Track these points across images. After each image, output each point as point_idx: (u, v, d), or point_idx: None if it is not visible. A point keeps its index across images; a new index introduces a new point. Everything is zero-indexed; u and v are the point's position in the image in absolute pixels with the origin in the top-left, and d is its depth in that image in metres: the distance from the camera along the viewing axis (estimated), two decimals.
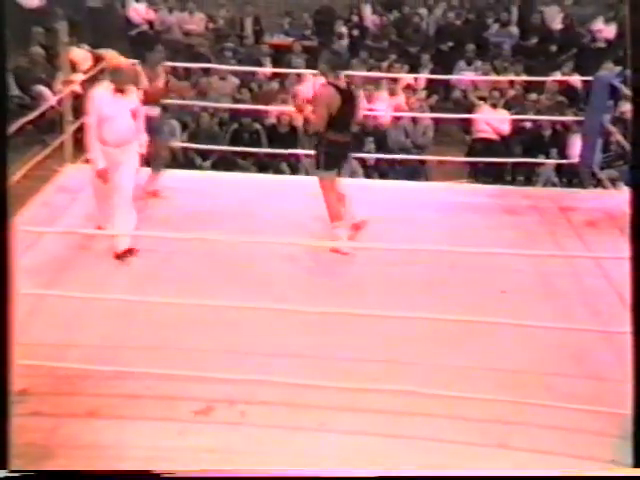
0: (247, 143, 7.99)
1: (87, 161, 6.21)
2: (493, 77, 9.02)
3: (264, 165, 7.96)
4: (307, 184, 5.43)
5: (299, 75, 8.89)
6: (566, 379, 3.77)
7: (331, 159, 4.88)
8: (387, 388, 3.57)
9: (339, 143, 4.85)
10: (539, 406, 3.51)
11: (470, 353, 3.94)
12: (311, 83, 8.87)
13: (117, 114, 4.74)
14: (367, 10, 10.95)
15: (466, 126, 8.70)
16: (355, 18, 10.88)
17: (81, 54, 8.32)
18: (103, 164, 4.78)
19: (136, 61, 5.27)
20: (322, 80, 4.92)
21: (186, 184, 5.90)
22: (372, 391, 3.59)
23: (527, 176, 7.96)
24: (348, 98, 4.83)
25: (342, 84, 4.86)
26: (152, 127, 5.17)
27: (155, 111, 5.35)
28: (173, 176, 5.96)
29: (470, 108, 8.86)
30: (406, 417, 3.53)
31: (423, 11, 10.96)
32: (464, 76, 9.49)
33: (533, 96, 8.78)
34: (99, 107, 4.74)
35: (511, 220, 5.21)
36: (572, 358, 3.93)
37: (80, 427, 3.42)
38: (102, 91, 4.79)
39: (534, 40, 10.54)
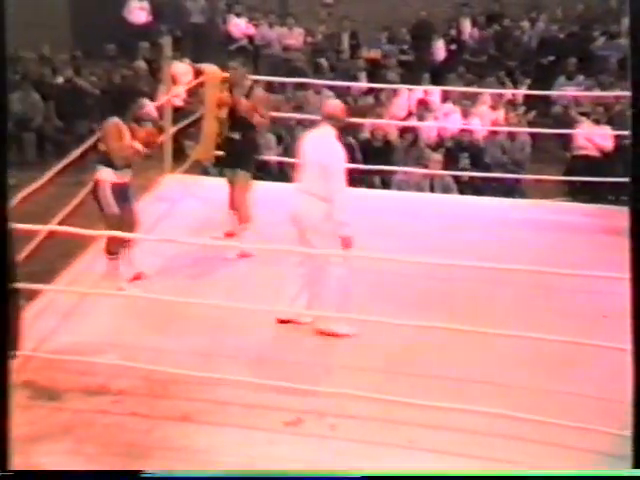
0: None
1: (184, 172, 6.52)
2: (595, 93, 8.70)
3: (356, 179, 7.95)
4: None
5: (394, 89, 8.87)
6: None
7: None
8: (480, 410, 3.48)
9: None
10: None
11: (569, 379, 3.80)
12: (405, 97, 8.88)
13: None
14: (466, 24, 10.82)
15: (565, 142, 8.43)
16: (453, 32, 10.78)
17: (182, 68, 8.59)
18: None
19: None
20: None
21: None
22: (465, 411, 3.51)
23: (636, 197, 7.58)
24: None
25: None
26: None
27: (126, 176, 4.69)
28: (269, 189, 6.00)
29: (570, 124, 8.58)
30: (498, 439, 3.45)
31: (525, 24, 10.72)
32: (562, 91, 9.22)
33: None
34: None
35: (610, 241, 5.00)
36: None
37: (174, 430, 3.50)
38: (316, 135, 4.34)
39: None
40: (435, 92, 8.74)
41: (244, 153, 5.16)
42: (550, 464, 3.30)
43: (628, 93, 8.16)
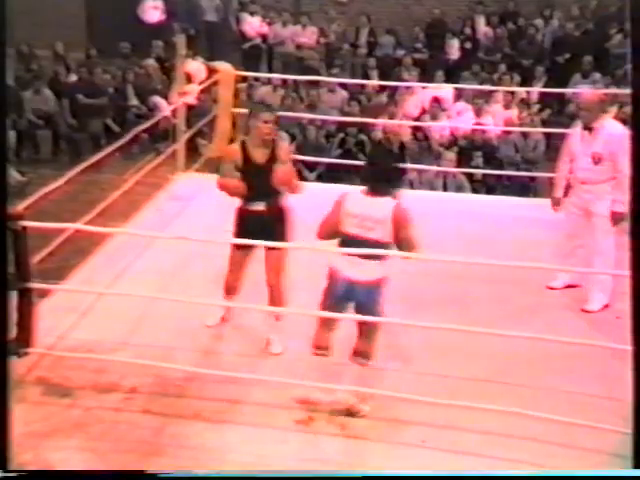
0: (352, 154, 8.02)
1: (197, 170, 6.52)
2: (611, 90, 8.60)
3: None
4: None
5: (408, 88, 8.85)
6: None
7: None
8: (491, 408, 3.46)
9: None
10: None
11: (582, 379, 3.78)
12: (419, 96, 8.85)
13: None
14: (481, 22, 10.76)
15: None
16: (468, 30, 10.72)
17: (196, 66, 8.58)
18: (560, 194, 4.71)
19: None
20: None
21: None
22: (476, 410, 3.49)
23: None
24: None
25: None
26: None
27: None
28: None
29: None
30: (512, 440, 3.41)
31: (539, 22, 10.63)
32: (578, 89, 9.14)
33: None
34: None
35: (624, 240, 4.96)
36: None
37: (186, 428, 3.49)
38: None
39: None
40: (449, 90, 8.71)
41: (276, 224, 4.05)
42: (561, 464, 3.28)
43: (615, 91, 7.97)
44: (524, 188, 7.51)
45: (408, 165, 7.62)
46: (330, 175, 7.92)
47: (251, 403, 3.65)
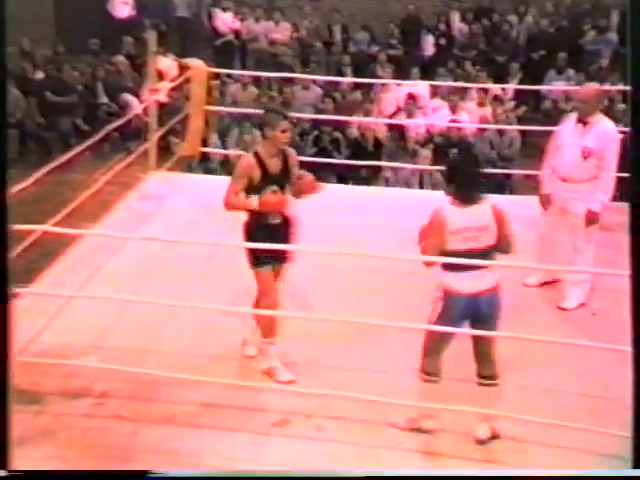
0: (327, 152, 7.97)
1: (169, 169, 6.43)
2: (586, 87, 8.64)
3: (344, 175, 7.91)
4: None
5: (383, 85, 8.82)
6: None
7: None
8: (468, 410, 3.43)
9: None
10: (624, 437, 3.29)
11: (556, 376, 3.77)
12: (394, 93, 8.82)
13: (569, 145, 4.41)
14: (456, 18, 10.77)
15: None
16: (443, 26, 10.72)
17: (167, 63, 8.50)
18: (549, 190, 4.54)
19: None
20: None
21: None
22: (453, 412, 3.46)
23: (623, 191, 7.57)
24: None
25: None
26: None
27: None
28: None
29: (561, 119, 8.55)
30: (491, 442, 3.39)
31: (513, 18, 10.67)
32: (553, 86, 9.19)
33: (621, 106, 8.39)
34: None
35: (603, 237, 4.97)
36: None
37: (158, 433, 3.44)
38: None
39: None
40: (424, 87, 8.69)
41: (289, 235, 3.84)
42: (541, 464, 3.27)
43: (618, 87, 8.08)
44: (500, 185, 7.51)
45: (384, 163, 7.59)
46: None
47: (225, 406, 3.60)
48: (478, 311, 3.37)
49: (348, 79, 9.36)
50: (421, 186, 7.62)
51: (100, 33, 9.84)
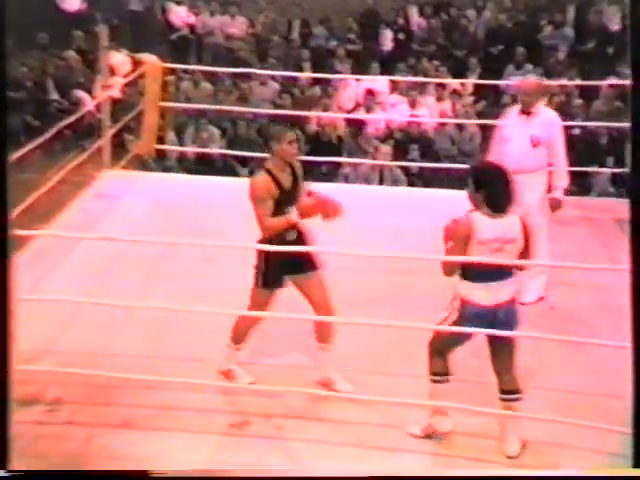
0: None
1: (123, 167, 6.33)
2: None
3: (305, 172, 7.85)
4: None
5: (341, 80, 8.79)
6: (624, 402, 3.56)
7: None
8: (434, 404, 3.40)
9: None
10: (592, 428, 3.32)
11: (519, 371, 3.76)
12: (353, 88, 8.80)
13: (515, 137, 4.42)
14: (414, 13, 10.77)
15: None
16: (401, 21, 10.72)
17: (120, 58, 8.35)
18: None
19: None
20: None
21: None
22: (420, 407, 3.44)
23: (581, 185, 7.69)
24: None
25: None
26: None
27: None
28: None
29: None
30: (451, 436, 3.37)
31: (471, 13, 10.71)
32: (511, 81, 9.25)
33: (578, 102, 8.51)
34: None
35: (563, 231, 5.02)
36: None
37: (114, 438, 3.37)
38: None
39: (591, 42, 10.19)
40: (383, 83, 8.69)
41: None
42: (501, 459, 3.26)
43: (575, 82, 8.13)
44: (461, 181, 7.52)
45: (343, 159, 7.56)
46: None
47: (184, 409, 3.53)
48: (495, 323, 3.24)
49: (306, 74, 9.30)
50: (381, 182, 7.62)
51: (49, 27, 9.59)
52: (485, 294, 3.21)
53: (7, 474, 2.50)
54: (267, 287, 3.59)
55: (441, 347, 3.31)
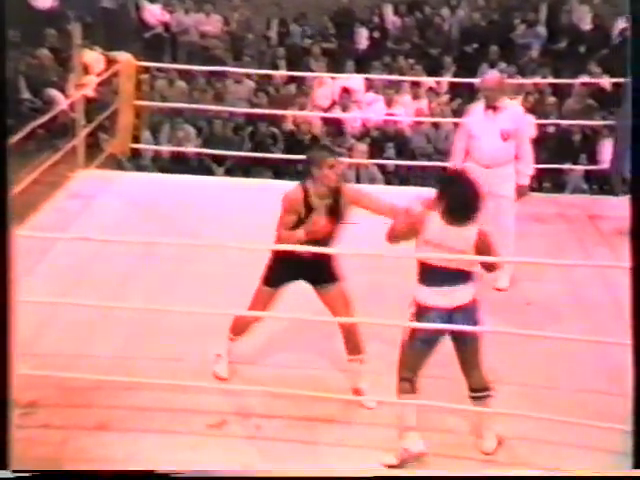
0: (264, 147, 7.89)
1: (98, 167, 6.25)
2: (516, 80, 8.80)
3: (281, 171, 7.84)
4: None
5: (317, 78, 8.77)
6: (598, 396, 3.61)
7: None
8: (416, 403, 3.40)
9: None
10: (568, 424, 3.35)
11: (492, 366, 3.77)
12: (329, 87, 8.79)
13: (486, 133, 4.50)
14: (389, 11, 10.78)
15: None
16: (376, 19, 10.73)
17: (94, 56, 8.27)
18: None
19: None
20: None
21: None
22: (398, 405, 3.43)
23: (555, 183, 7.77)
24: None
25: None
26: None
27: None
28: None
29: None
30: (429, 433, 3.34)
31: (445, 12, 10.74)
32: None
33: (552, 100, 8.59)
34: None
35: (538, 228, 5.08)
36: (604, 373, 3.77)
37: (90, 440, 3.35)
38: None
39: (563, 41, 10.26)
40: (359, 81, 8.68)
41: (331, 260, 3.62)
42: (478, 455, 3.28)
43: (548, 80, 8.20)
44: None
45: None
46: (240, 169, 7.77)
47: (161, 409, 3.52)
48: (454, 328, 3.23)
49: (282, 72, 9.27)
50: (358, 181, 7.62)
51: (21, 25, 9.45)
52: (440, 298, 3.20)
53: (13, 475, 2.52)
54: (269, 286, 3.60)
55: (412, 358, 3.26)
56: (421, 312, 3.23)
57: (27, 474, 2.56)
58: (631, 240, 2.41)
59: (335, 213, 3.49)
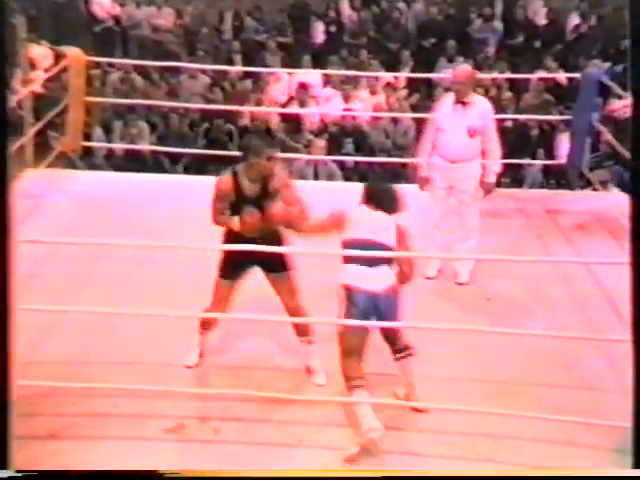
0: (220, 144, 7.78)
1: (48, 166, 6.08)
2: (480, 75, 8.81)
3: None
4: None
5: (273, 74, 8.68)
6: (557, 390, 3.63)
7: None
8: (372, 401, 3.38)
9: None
10: (528, 418, 3.35)
11: (454, 363, 3.77)
12: (286, 82, 8.71)
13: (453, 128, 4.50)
14: (344, 4, 10.73)
15: None
16: (332, 13, 10.67)
17: (41, 51, 8.04)
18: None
19: None
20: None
21: None
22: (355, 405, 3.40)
23: (512, 177, 7.81)
24: None
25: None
26: None
27: None
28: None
29: None
30: (393, 432, 3.34)
31: (402, 5, 10.74)
32: (444, 74, 9.33)
33: (508, 95, 8.65)
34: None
35: (496, 224, 5.08)
36: (563, 368, 3.79)
37: (41, 450, 3.23)
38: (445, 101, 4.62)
39: (519, 36, 10.34)
40: (316, 76, 8.62)
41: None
42: (441, 452, 3.26)
43: (505, 75, 8.26)
44: (396, 174, 7.55)
45: (277, 154, 7.44)
46: (196, 166, 7.65)
47: (116, 415, 3.44)
48: (378, 310, 3.34)
49: (237, 68, 9.16)
50: (316, 177, 7.57)
51: None
52: (365, 280, 3.32)
53: (17, 474, 2.49)
54: (225, 278, 3.67)
55: (353, 344, 3.32)
56: (351, 294, 3.33)
57: (35, 473, 2.56)
58: (631, 240, 2.41)
59: (265, 197, 3.55)
